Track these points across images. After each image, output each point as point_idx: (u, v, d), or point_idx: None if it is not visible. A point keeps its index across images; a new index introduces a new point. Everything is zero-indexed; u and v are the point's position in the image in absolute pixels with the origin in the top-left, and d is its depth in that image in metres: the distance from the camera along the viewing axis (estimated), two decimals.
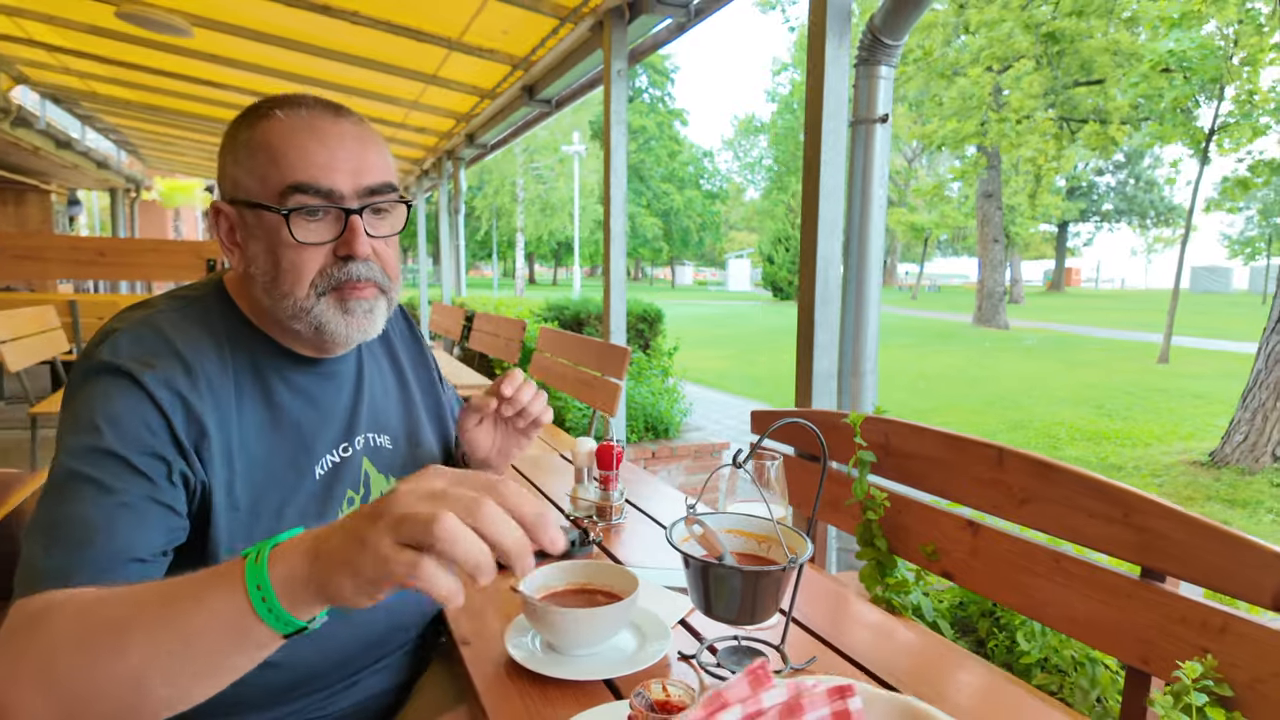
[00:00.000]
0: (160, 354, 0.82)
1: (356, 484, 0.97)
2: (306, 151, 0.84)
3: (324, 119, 0.87)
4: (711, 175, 51.08)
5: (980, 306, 19.95)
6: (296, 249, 0.85)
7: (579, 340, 4.14)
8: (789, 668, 0.96)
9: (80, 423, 0.77)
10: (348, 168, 0.86)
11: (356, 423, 0.99)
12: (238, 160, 0.87)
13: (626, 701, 0.87)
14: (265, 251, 0.86)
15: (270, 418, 0.90)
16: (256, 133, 0.86)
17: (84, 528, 0.72)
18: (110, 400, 0.77)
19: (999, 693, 0.98)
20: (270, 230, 0.85)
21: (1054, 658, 1.68)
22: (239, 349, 0.90)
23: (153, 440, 0.78)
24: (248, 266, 0.88)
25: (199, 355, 0.85)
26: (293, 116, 0.86)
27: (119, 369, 0.79)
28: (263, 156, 0.85)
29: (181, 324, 0.86)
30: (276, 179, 0.84)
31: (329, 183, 0.85)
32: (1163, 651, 1.21)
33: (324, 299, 0.87)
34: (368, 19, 4.21)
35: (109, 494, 0.74)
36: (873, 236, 2.20)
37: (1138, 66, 11.21)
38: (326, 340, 0.90)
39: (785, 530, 0.91)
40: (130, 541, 0.73)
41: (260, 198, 0.85)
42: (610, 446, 1.54)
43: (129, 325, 0.84)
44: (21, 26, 5.60)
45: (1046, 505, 1.43)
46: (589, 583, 1.07)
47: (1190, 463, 5.93)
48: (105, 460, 0.75)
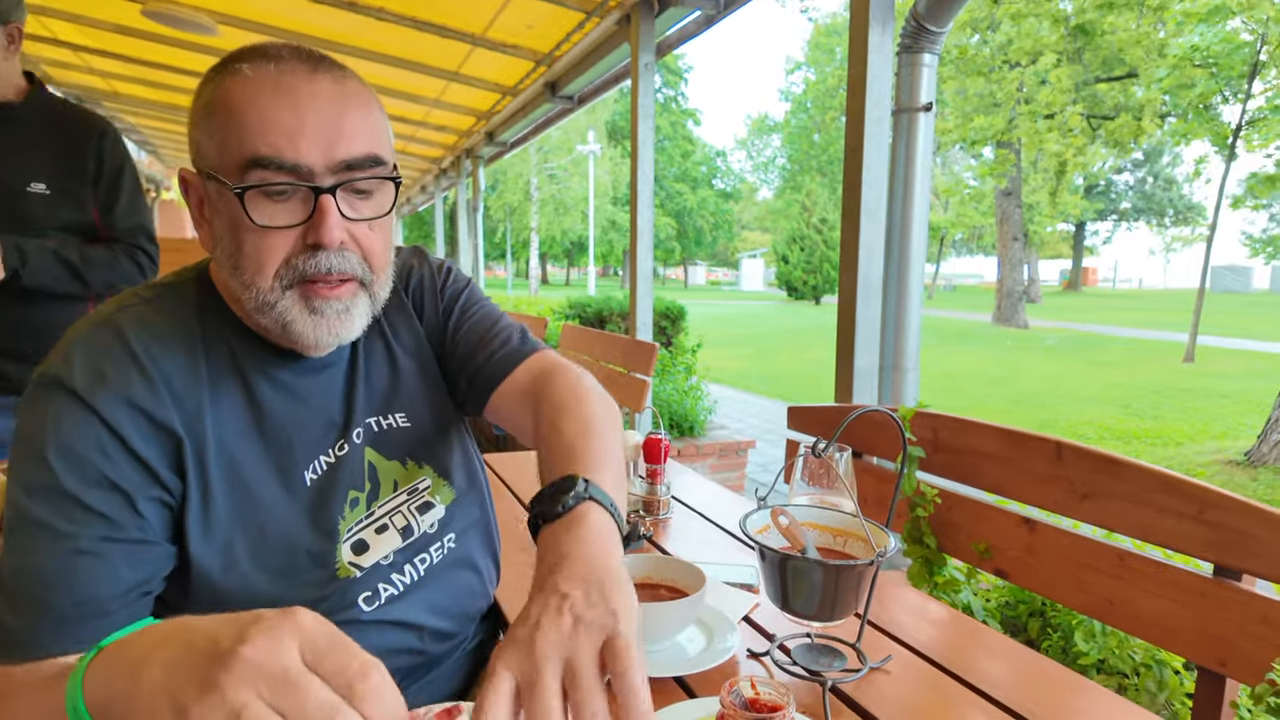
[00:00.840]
0: (114, 361, 0.72)
1: (359, 481, 0.84)
2: (270, 116, 0.69)
3: (296, 75, 0.72)
4: (725, 175, 50.99)
5: (999, 305, 19.76)
6: (257, 233, 0.71)
7: (604, 337, 4.11)
8: (868, 667, 0.92)
9: (32, 451, 0.69)
10: (320, 136, 0.71)
11: (353, 414, 0.86)
12: (198, 122, 0.74)
13: (706, 699, 0.84)
14: (229, 233, 0.73)
15: (250, 418, 0.79)
16: (220, 91, 0.72)
17: (41, 583, 0.66)
18: (60, 427, 0.69)
19: (1082, 693, 0.94)
20: (232, 209, 0.72)
21: (1112, 659, 1.63)
22: (215, 343, 0.79)
23: (108, 469, 0.69)
24: (214, 247, 0.76)
25: (163, 354, 0.75)
26: (259, 71, 0.71)
27: (66, 388, 0.70)
28: (222, 120, 0.71)
29: (146, 319, 0.76)
30: (236, 149, 0.70)
31: (295, 155, 0.70)
32: (1243, 653, 1.17)
33: (289, 293, 0.74)
34: (393, 15, 4.20)
35: (63, 539, 0.67)
36: (915, 228, 2.16)
37: (1164, 61, 11.06)
38: (294, 341, 0.77)
39: (870, 524, 0.87)
40: (90, 593, 0.68)
41: (219, 170, 0.71)
42: (657, 440, 1.51)
43: (87, 330, 0.75)
44: (47, 26, 5.65)
45: (1111, 501, 1.38)
46: (651, 577, 1.04)
47: (1225, 462, 5.83)
48: (58, 501, 0.68)
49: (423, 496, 0.88)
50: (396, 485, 0.87)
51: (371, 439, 0.86)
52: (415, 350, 0.93)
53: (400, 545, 0.85)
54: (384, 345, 0.91)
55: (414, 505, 0.87)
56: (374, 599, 0.82)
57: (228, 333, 0.79)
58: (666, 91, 45.04)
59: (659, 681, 0.90)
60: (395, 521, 0.85)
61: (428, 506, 0.88)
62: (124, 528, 0.70)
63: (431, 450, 0.91)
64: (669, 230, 44.15)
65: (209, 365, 0.77)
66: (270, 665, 0.42)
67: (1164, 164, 37.66)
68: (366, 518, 0.83)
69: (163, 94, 7.48)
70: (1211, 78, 10.03)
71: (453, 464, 0.93)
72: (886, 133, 2.07)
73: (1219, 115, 11.49)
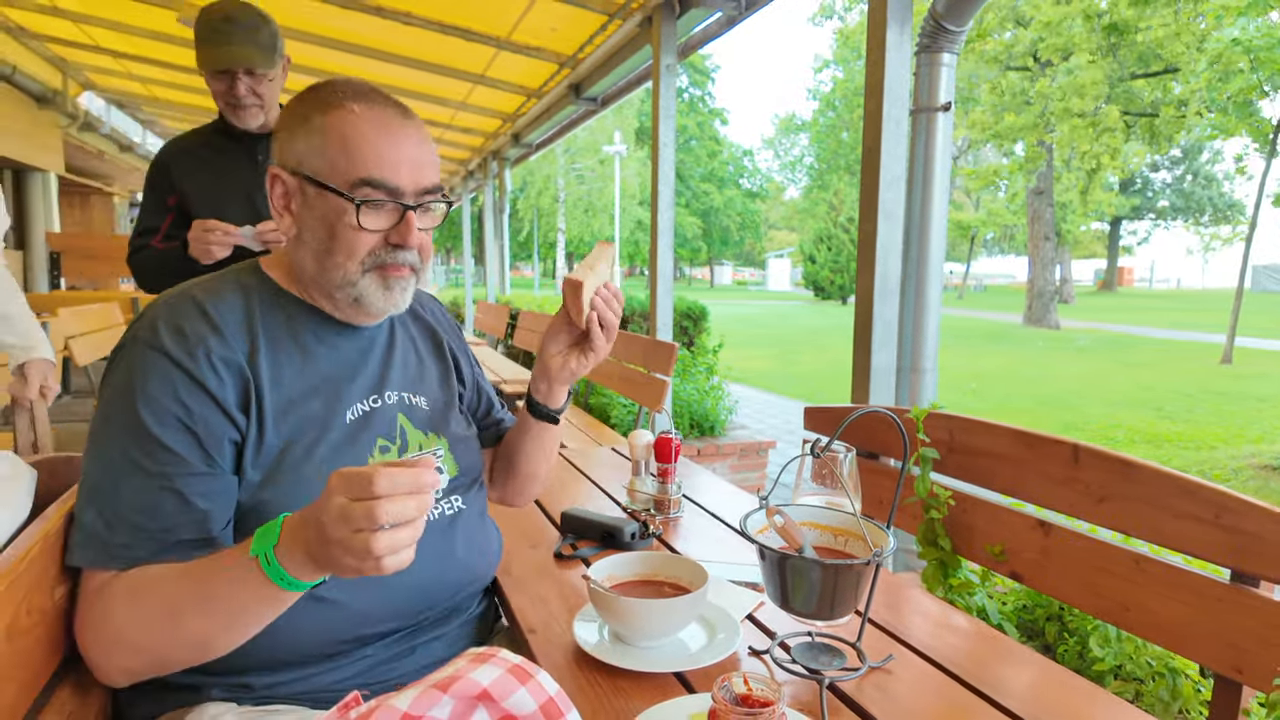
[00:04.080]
0: (189, 317, 0.91)
1: (391, 434, 1.03)
2: (379, 149, 0.93)
3: (395, 119, 0.96)
4: (752, 174, 50.74)
5: (1030, 306, 19.43)
6: (357, 232, 0.94)
7: (625, 336, 4.13)
8: (867, 666, 0.93)
9: (122, 399, 0.87)
10: (411, 168, 0.95)
11: (387, 379, 1.06)
12: (308, 139, 0.94)
13: (704, 695, 0.85)
14: (323, 225, 0.95)
15: (301, 362, 0.98)
16: (331, 120, 0.94)
17: (133, 509, 0.85)
18: (146, 378, 0.87)
19: (1085, 697, 0.94)
20: (334, 210, 0.94)
21: (1129, 665, 1.61)
22: (271, 309, 0.99)
23: (185, 415, 0.87)
24: (300, 233, 0.98)
25: (229, 310, 0.94)
26: (367, 112, 0.94)
27: (151, 345, 0.89)
28: (336, 145, 0.93)
29: (212, 288, 0.97)
30: (348, 169, 0.93)
31: (396, 180, 0.94)
32: (1259, 660, 1.15)
33: (369, 275, 0.97)
34: (420, 19, 4.26)
35: (150, 477, 0.85)
36: (934, 228, 2.14)
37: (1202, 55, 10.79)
38: (362, 310, 0.99)
39: (868, 524, 0.88)
40: (174, 523, 0.85)
41: (329, 180, 0.93)
42: (669, 439, 1.52)
43: (166, 300, 0.95)
44: (88, 33, 5.81)
45: (1127, 504, 1.36)
46: (655, 574, 1.06)
47: (1260, 467, 5.68)
48: (145, 442, 0.86)
49: (437, 461, 0.99)
50: (421, 448, 1.06)
51: (403, 408, 1.06)
52: (437, 355, 1.17)
53: None
54: (410, 340, 1.14)
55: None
56: None
57: (284, 302, 1.00)
58: (693, 91, 44.94)
59: (659, 676, 0.91)
60: None
61: (439, 471, 0.98)
62: (197, 465, 0.87)
63: (446, 429, 1.11)
64: (695, 230, 44.05)
65: (264, 324, 0.96)
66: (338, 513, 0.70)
67: (1203, 161, 36.70)
68: None
69: (199, 99, 7.65)
70: (1252, 71, 9.76)
71: (460, 447, 1.12)
72: (904, 132, 2.06)
73: (1259, 110, 11.19)
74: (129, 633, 0.82)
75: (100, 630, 0.83)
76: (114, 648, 0.83)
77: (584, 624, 1.00)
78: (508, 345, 6.80)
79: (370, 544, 0.68)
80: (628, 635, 0.96)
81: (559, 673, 0.92)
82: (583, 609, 1.05)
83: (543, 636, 1.02)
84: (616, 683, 0.90)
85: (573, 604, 1.11)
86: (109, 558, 0.84)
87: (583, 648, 0.94)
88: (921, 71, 2.12)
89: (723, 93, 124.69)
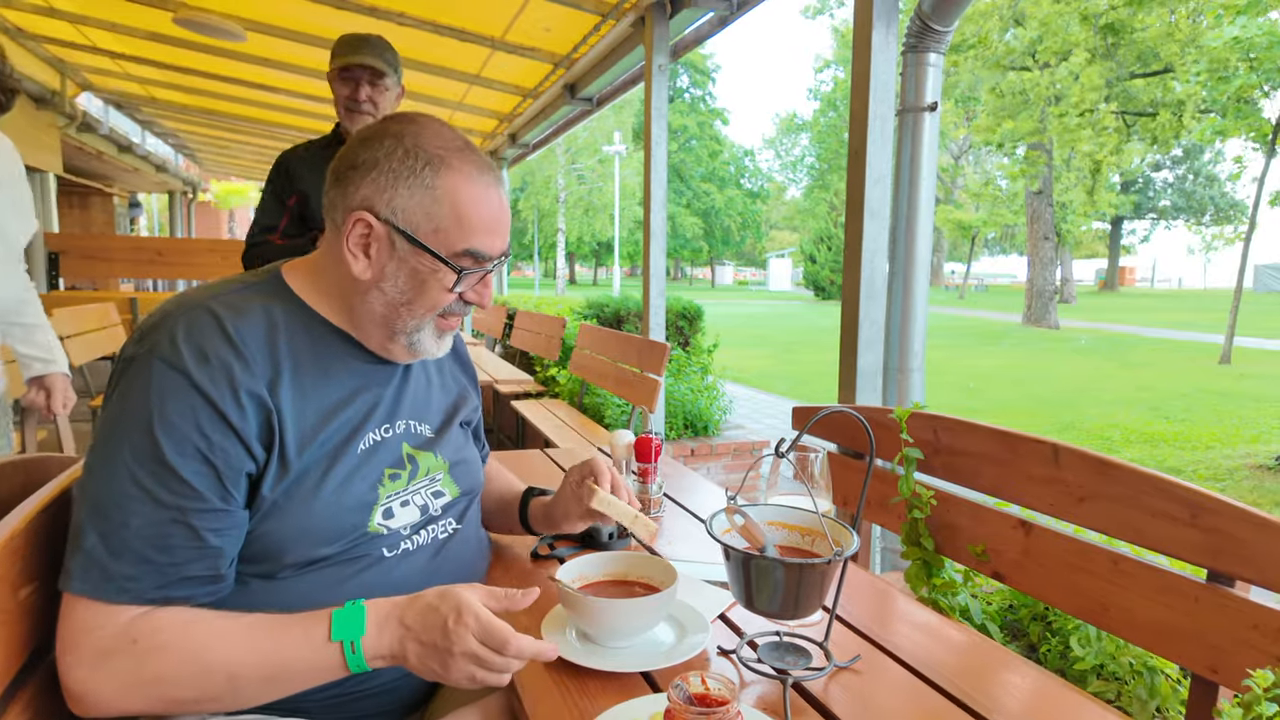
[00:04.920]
0: (214, 343, 0.86)
1: (399, 463, 1.02)
2: (484, 221, 0.94)
3: (494, 185, 0.96)
4: (753, 174, 50.70)
5: (1030, 305, 19.40)
6: (447, 293, 0.95)
7: (618, 337, 4.13)
8: (832, 665, 0.93)
9: (137, 419, 0.82)
10: (503, 237, 0.98)
11: (399, 408, 1.04)
12: (413, 194, 0.92)
13: (664, 694, 0.85)
14: (413, 282, 0.94)
15: (323, 389, 0.95)
16: (441, 179, 0.92)
17: (142, 540, 0.81)
18: (165, 400, 0.83)
19: (1053, 697, 0.94)
20: (427, 269, 0.94)
21: (1110, 664, 1.61)
22: (295, 331, 0.95)
23: (205, 446, 0.83)
24: (378, 280, 0.95)
25: (251, 337, 0.89)
26: (473, 176, 0.94)
27: (172, 365, 0.84)
28: (447, 212, 0.92)
29: (236, 306, 0.91)
30: (456, 239, 0.93)
31: (492, 251, 0.96)
32: (1233, 660, 1.15)
33: (429, 324, 0.98)
34: (414, 19, 4.26)
35: (163, 509, 0.82)
36: (921, 228, 2.14)
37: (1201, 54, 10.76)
38: (410, 354, 1.00)
39: (830, 522, 0.88)
40: (182, 558, 0.83)
41: (432, 244, 0.93)
42: (649, 439, 1.52)
43: (184, 310, 0.89)
44: (85, 34, 5.82)
45: (1106, 504, 1.37)
46: (627, 574, 1.06)
47: (1255, 466, 5.67)
48: (160, 471, 0.81)
49: (437, 485, 1.07)
50: (429, 471, 1.06)
51: (409, 436, 1.04)
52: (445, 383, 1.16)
53: (417, 519, 1.02)
54: (424, 364, 1.11)
55: (431, 491, 1.06)
56: (393, 550, 0.99)
57: (310, 324, 0.97)
58: (694, 91, 44.92)
59: (626, 677, 0.92)
60: (415, 500, 1.03)
61: (439, 494, 1.07)
62: (213, 500, 0.84)
63: (447, 452, 1.10)
64: (696, 230, 44.01)
65: (290, 350, 0.92)
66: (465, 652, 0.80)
67: (1205, 160, 36.61)
68: (400, 492, 1.01)
69: (197, 99, 7.65)
70: (1251, 71, 9.74)
71: (461, 470, 1.12)
72: (890, 132, 2.06)
73: (1260, 110, 11.16)
74: (170, 687, 0.79)
75: (125, 674, 0.79)
76: (137, 692, 0.79)
77: (554, 625, 1.00)
78: (505, 345, 6.81)
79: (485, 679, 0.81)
80: (596, 635, 0.96)
81: (528, 674, 0.92)
82: (553, 610, 1.05)
83: None
84: (585, 684, 0.91)
85: (543, 605, 1.11)
86: (112, 589, 0.80)
87: None
88: (908, 71, 2.13)
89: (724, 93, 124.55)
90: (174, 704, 0.81)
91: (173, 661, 0.79)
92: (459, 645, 0.79)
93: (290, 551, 0.90)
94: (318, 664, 0.82)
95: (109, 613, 0.80)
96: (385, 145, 0.93)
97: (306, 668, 0.82)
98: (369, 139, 0.94)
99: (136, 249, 8.27)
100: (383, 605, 0.84)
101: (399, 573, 0.98)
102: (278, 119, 7.69)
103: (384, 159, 0.92)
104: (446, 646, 0.80)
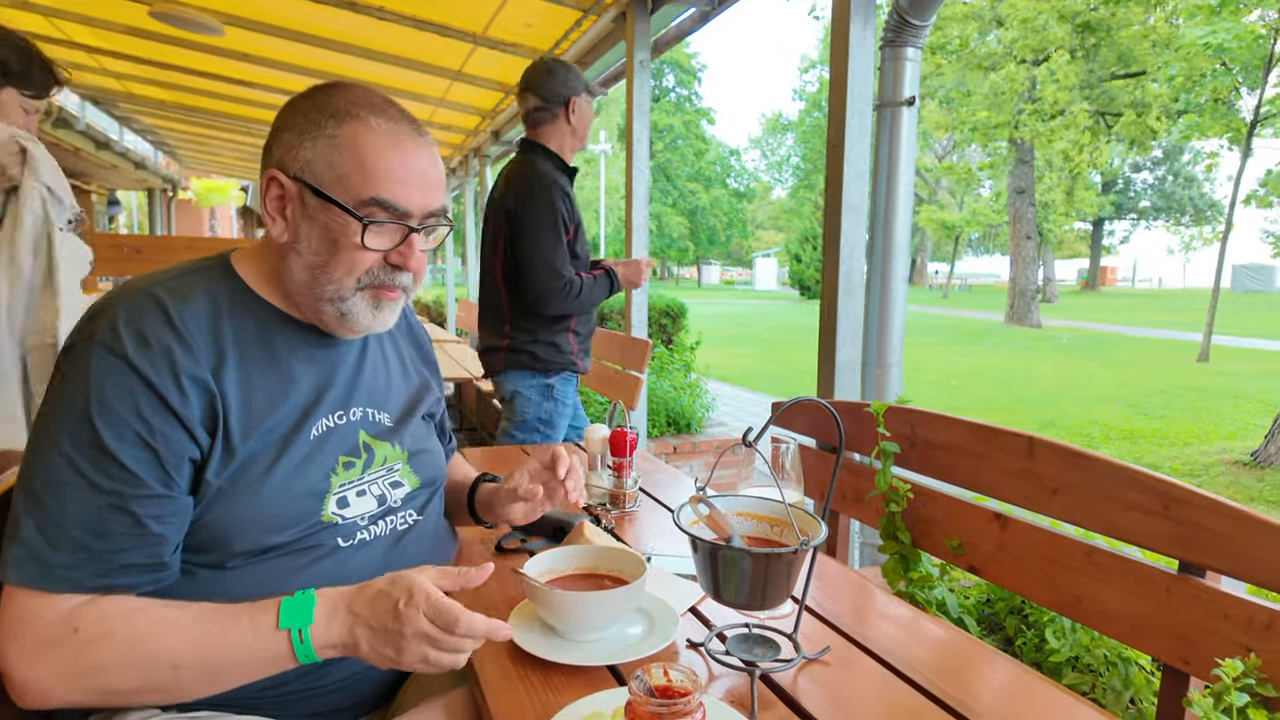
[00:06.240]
0: (155, 328, 0.84)
1: (354, 451, 0.99)
2: (393, 169, 0.90)
3: (410, 137, 0.92)
4: (738, 174, 50.81)
5: (1012, 304, 19.57)
6: (359, 250, 0.91)
7: (601, 334, 4.10)
8: (801, 657, 0.92)
9: (74, 406, 0.81)
10: (422, 190, 0.92)
11: (354, 394, 1.02)
12: (317, 147, 0.89)
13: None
14: (323, 239, 0.91)
15: (271, 374, 0.93)
16: (346, 132, 0.89)
17: (79, 527, 0.79)
18: (103, 386, 0.81)
19: (1025, 689, 0.93)
20: (337, 225, 0.90)
21: (1085, 656, 1.61)
22: (241, 316, 0.93)
23: (145, 430, 0.81)
24: (294, 241, 0.92)
25: (194, 322, 0.87)
26: (382, 127, 0.90)
27: (111, 350, 0.82)
28: (349, 158, 0.89)
29: (179, 291, 0.89)
30: (360, 187, 0.89)
31: (406, 202, 0.91)
32: (1203, 650, 1.15)
33: (361, 293, 0.93)
34: (393, 14, 4.22)
35: (101, 494, 0.80)
36: (899, 223, 2.14)
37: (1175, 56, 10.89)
38: (346, 327, 0.95)
39: (797, 512, 0.87)
40: (124, 545, 0.81)
41: (336, 195, 0.89)
42: (624, 433, 1.51)
43: (126, 296, 0.87)
44: (60, 28, 5.72)
45: (1079, 496, 1.37)
46: (596, 567, 1.05)
47: (1231, 463, 5.74)
48: (98, 457, 0.80)
49: (395, 475, 1.04)
50: (385, 460, 1.03)
51: (366, 424, 1.02)
52: (407, 367, 1.14)
53: (374, 510, 1.00)
54: (381, 351, 1.10)
55: (389, 481, 1.03)
56: (349, 539, 0.97)
57: (255, 308, 0.94)
58: (680, 91, 44.96)
59: (593, 670, 0.90)
60: (372, 490, 1.00)
61: (398, 485, 1.04)
62: (154, 486, 0.82)
63: (407, 443, 1.07)
64: (682, 229, 44.05)
65: (235, 335, 0.90)
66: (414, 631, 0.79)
67: (1184, 162, 37.09)
68: (355, 481, 0.98)
69: (175, 95, 7.55)
70: (1226, 72, 9.87)
71: (422, 461, 1.09)
72: (868, 127, 2.06)
73: (1237, 111, 11.31)
74: (111, 676, 0.77)
75: (66, 663, 0.77)
76: (77, 681, 0.77)
77: (521, 618, 0.99)
78: None
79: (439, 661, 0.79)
80: (562, 628, 0.94)
81: (492, 668, 0.91)
82: (520, 603, 1.03)
83: None
84: (550, 677, 0.89)
85: (511, 598, 1.09)
86: (50, 578, 0.78)
87: (516, 641, 0.93)
88: (886, 66, 2.13)
89: (710, 92, 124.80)
90: (114, 694, 0.79)
91: (114, 650, 0.78)
92: (409, 627, 0.78)
93: (239, 539, 0.88)
94: (263, 653, 0.80)
95: (49, 602, 0.78)
96: (299, 106, 0.92)
97: (252, 657, 0.80)
98: (290, 104, 0.94)
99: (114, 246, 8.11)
100: (331, 594, 0.83)
101: (354, 563, 0.96)
102: (257, 115, 7.61)
103: (295, 118, 0.92)
104: (398, 629, 0.78)
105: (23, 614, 0.78)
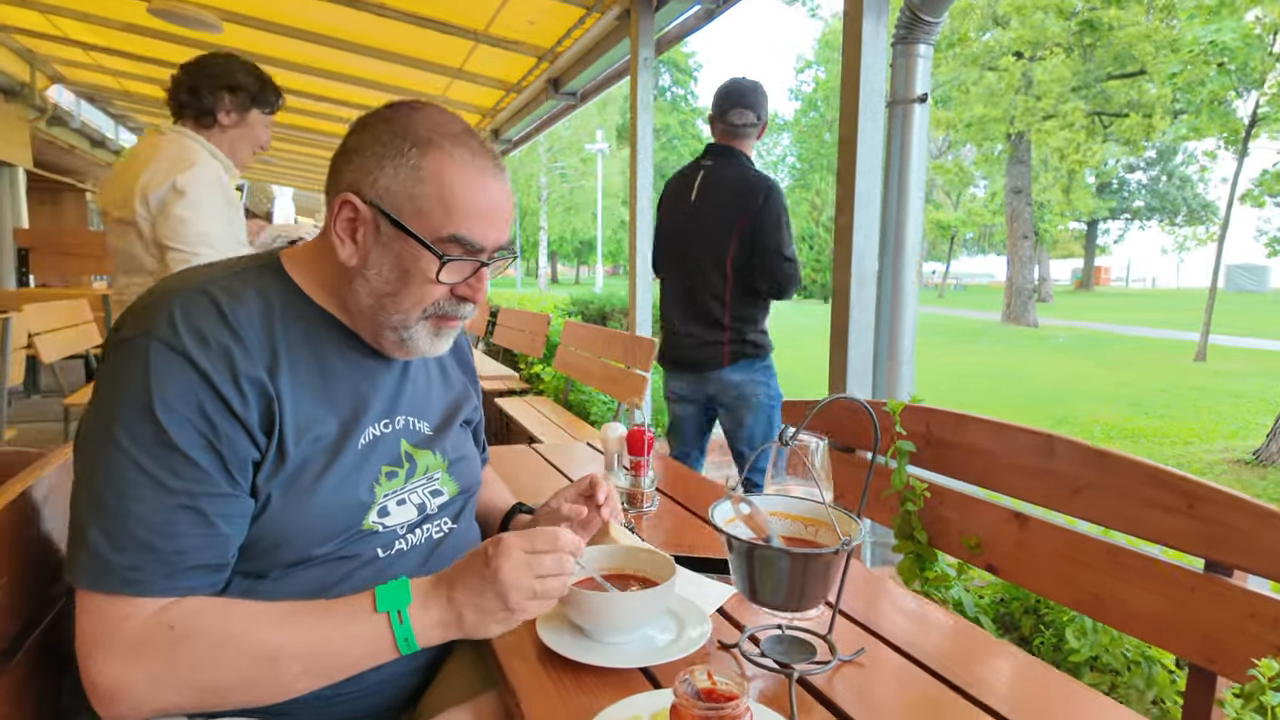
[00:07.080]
0: (213, 326, 0.83)
1: (396, 460, 0.98)
2: (475, 206, 0.88)
3: (490, 170, 0.91)
4: None
5: (1009, 304, 19.61)
6: (430, 284, 0.90)
7: (604, 333, 4.10)
8: (837, 659, 0.90)
9: (137, 403, 0.78)
10: (497, 225, 0.91)
11: (399, 403, 1.01)
12: (398, 176, 0.87)
13: (668, 690, 0.83)
14: (395, 268, 0.89)
15: (321, 382, 0.91)
16: (428, 162, 0.87)
17: (146, 528, 0.76)
18: (164, 383, 0.78)
19: (1057, 688, 0.92)
20: (412, 256, 0.89)
21: (1105, 656, 1.60)
22: (292, 320, 0.91)
23: (209, 429, 0.80)
24: (363, 266, 0.90)
25: (248, 322, 0.86)
26: (465, 160, 0.89)
27: (171, 346, 0.80)
28: (431, 192, 0.87)
29: (234, 290, 0.87)
30: (441, 223, 0.88)
31: (482, 239, 0.90)
32: (1232, 650, 1.14)
33: (424, 322, 0.93)
34: (395, 11, 4.20)
35: (168, 494, 0.78)
36: (911, 220, 2.13)
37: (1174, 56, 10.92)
38: (404, 350, 0.95)
39: (837, 512, 0.86)
40: (189, 546, 0.78)
41: (416, 228, 0.87)
42: (641, 431, 1.49)
43: (180, 292, 0.85)
44: (56, 24, 5.68)
45: (1101, 495, 1.36)
46: (624, 568, 1.03)
47: (1233, 461, 5.75)
48: (164, 454, 0.77)
49: (435, 483, 1.04)
50: (427, 469, 1.02)
51: (407, 433, 1.00)
52: (446, 380, 1.12)
53: (414, 518, 0.99)
54: (424, 360, 1.07)
55: (429, 489, 1.02)
56: (388, 549, 0.96)
57: (303, 311, 0.92)
58: (676, 90, 44.96)
59: (625, 672, 0.89)
60: (412, 499, 1.00)
61: (438, 493, 1.04)
62: (220, 484, 0.80)
63: (447, 450, 1.06)
64: None
65: (286, 337, 0.89)
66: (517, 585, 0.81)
67: (1178, 162, 37.23)
68: (397, 491, 0.97)
69: None
70: (1225, 73, 9.89)
71: (461, 468, 1.08)
72: (880, 124, 2.05)
73: (1234, 111, 11.34)
74: (208, 674, 0.76)
75: (161, 663, 0.75)
76: (172, 681, 0.75)
77: (549, 620, 0.97)
78: (488, 343, 6.76)
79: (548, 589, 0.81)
80: (593, 630, 0.93)
81: (523, 671, 0.89)
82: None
83: (506, 634, 0.99)
84: (582, 679, 0.88)
85: None
86: (116, 581, 0.76)
87: (546, 643, 0.91)
88: (898, 63, 2.11)
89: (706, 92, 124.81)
90: (209, 694, 0.77)
91: (209, 645, 0.76)
92: (507, 561, 0.79)
93: (286, 549, 0.86)
94: (364, 640, 0.80)
95: (137, 603, 0.77)
96: (376, 129, 0.89)
97: (354, 645, 0.80)
98: (364, 124, 0.91)
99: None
100: (423, 579, 0.84)
101: (392, 573, 0.93)
102: None
103: (372, 142, 0.89)
104: (495, 570, 0.80)
105: (109, 617, 0.76)
